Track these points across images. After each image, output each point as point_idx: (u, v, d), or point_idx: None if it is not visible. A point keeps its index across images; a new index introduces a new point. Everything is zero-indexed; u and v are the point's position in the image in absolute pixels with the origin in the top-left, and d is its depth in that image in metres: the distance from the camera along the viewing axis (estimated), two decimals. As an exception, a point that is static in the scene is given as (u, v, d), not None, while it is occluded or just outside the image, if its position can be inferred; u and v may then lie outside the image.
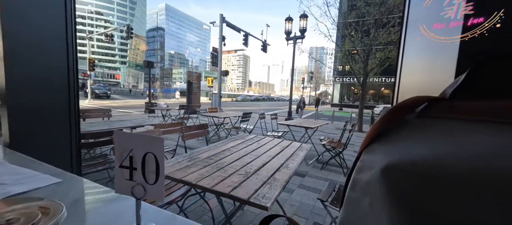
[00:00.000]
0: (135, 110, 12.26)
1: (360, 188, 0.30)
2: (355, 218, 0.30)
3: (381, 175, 0.27)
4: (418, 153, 0.25)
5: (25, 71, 1.04)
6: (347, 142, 3.69)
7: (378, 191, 0.27)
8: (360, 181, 0.30)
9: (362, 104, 7.61)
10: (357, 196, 0.30)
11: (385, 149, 0.29)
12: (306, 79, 27.76)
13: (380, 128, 0.31)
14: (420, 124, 0.29)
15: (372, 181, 0.28)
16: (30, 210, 0.27)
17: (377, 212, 0.26)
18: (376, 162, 0.29)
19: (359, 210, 0.29)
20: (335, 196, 1.72)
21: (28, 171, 0.70)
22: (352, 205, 0.31)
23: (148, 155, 0.39)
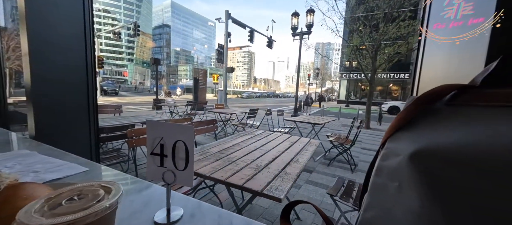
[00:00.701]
0: (142, 106, 12.49)
1: (386, 174, 0.31)
2: (382, 201, 0.31)
3: (409, 160, 0.28)
4: (448, 138, 0.25)
5: (47, 69, 1.09)
6: (355, 139, 3.66)
7: (407, 175, 0.28)
8: (386, 167, 0.32)
9: (369, 101, 7.49)
10: (383, 181, 0.31)
11: (412, 136, 0.30)
12: (312, 75, 27.43)
13: (406, 117, 0.32)
14: (450, 111, 0.29)
15: (400, 167, 0.29)
16: (94, 188, 0.29)
17: (406, 195, 0.28)
18: (403, 149, 0.30)
19: (385, 194, 0.31)
20: (344, 191, 1.73)
21: (57, 160, 0.74)
22: (378, 190, 0.32)
23: (179, 143, 0.41)
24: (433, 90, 0.31)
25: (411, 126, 0.31)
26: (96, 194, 0.27)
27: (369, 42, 7.12)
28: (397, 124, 0.33)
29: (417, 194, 0.26)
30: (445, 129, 0.27)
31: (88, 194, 0.27)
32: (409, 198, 0.27)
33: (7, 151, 0.82)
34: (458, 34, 0.56)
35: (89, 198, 0.27)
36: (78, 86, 1.20)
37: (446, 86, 0.30)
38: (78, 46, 1.19)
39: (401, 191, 0.28)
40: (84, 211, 0.26)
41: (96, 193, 0.28)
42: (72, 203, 0.28)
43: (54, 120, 1.10)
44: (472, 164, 0.22)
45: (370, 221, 0.31)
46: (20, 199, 0.37)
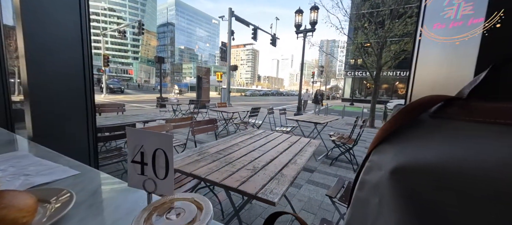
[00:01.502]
0: (147, 104, 12.64)
1: (368, 189, 0.29)
2: (362, 217, 0.30)
3: (390, 176, 0.26)
4: (429, 154, 0.24)
5: (44, 69, 1.10)
6: (358, 138, 3.61)
7: (387, 192, 0.26)
8: (369, 182, 0.30)
9: (374, 99, 7.37)
10: (365, 196, 0.30)
11: (394, 150, 0.28)
12: (316, 73, 27.19)
13: (391, 128, 0.30)
14: (434, 124, 0.27)
15: (381, 182, 0.28)
16: (189, 202, 0.30)
17: (385, 213, 0.26)
18: (386, 163, 0.28)
19: (366, 210, 0.29)
20: (344, 192, 1.70)
21: (50, 163, 0.75)
22: (360, 205, 0.30)
23: (158, 151, 0.40)
24: (419, 101, 0.29)
25: (395, 138, 0.29)
26: (191, 210, 0.28)
27: (374, 39, 6.98)
28: (381, 135, 0.31)
29: (396, 212, 0.24)
30: (428, 143, 0.25)
31: (184, 210, 0.28)
32: (388, 216, 0.25)
33: (6, 151, 0.83)
34: (457, 34, 0.53)
35: (185, 216, 0.27)
36: (76, 87, 1.21)
37: (433, 97, 0.28)
38: (74, 44, 1.19)
39: (382, 208, 0.27)
40: None
41: (191, 208, 0.28)
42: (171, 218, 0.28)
43: (51, 121, 1.11)
44: (454, 185, 0.21)
45: (350, 236, 0.29)
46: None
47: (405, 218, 0.23)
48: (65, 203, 0.46)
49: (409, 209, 0.23)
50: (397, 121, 0.30)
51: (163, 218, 0.27)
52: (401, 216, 0.24)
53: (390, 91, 24.44)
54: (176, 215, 0.28)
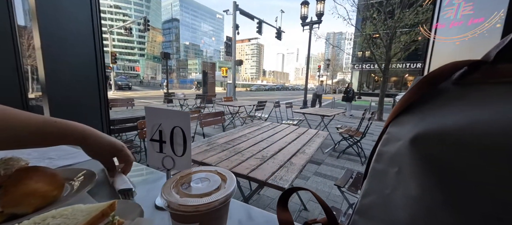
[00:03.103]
0: (154, 100, 12.85)
1: (386, 160, 0.30)
2: (380, 187, 0.30)
3: (410, 145, 0.26)
4: (451, 120, 0.23)
5: (59, 63, 1.13)
6: (366, 131, 3.57)
7: (407, 161, 0.26)
8: (386, 153, 0.30)
9: (383, 92, 7.21)
10: (383, 168, 0.30)
11: (414, 120, 0.28)
12: (323, 67, 26.75)
13: (410, 99, 0.30)
14: (458, 91, 0.27)
15: (400, 152, 0.28)
16: (212, 174, 0.31)
17: (406, 180, 0.26)
18: (405, 133, 0.28)
19: (384, 180, 0.29)
20: (352, 182, 1.70)
21: (69, 148, 0.78)
22: (377, 176, 0.31)
23: (176, 129, 0.42)
24: (440, 69, 0.28)
25: (414, 109, 0.29)
26: (216, 179, 0.29)
27: (384, 30, 6.76)
28: (400, 107, 0.31)
29: (417, 179, 0.24)
30: (450, 110, 0.25)
31: (209, 180, 0.29)
32: (408, 184, 0.25)
33: None
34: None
35: (210, 184, 0.28)
36: (89, 79, 1.25)
37: (455, 64, 0.27)
38: (87, 40, 1.22)
39: (401, 176, 0.27)
40: (209, 196, 0.26)
41: (215, 178, 0.29)
42: (197, 185, 0.29)
43: (68, 112, 1.16)
44: (479, 147, 0.20)
45: (368, 207, 0.30)
46: (28, 181, 0.39)
47: (425, 183, 0.24)
48: (88, 180, 0.49)
49: (430, 175, 0.24)
50: (417, 91, 0.30)
51: (189, 185, 0.28)
52: (421, 182, 0.24)
53: (399, 84, 23.81)
54: (202, 183, 0.29)
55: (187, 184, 0.29)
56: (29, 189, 0.38)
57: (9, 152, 0.74)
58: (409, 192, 0.25)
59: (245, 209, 0.45)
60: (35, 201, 0.39)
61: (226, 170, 0.33)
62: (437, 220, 0.22)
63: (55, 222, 0.29)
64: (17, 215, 0.37)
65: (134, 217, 0.35)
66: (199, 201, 0.25)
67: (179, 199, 0.25)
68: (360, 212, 0.30)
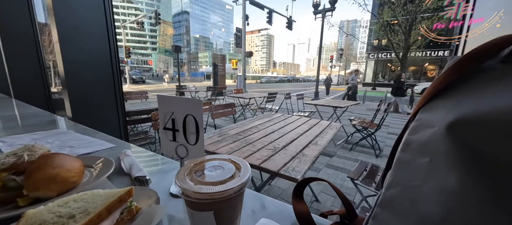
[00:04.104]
0: (167, 93, 13.17)
1: (414, 149, 0.27)
2: (407, 178, 0.27)
3: (445, 131, 0.23)
4: (497, 103, 0.20)
5: (76, 56, 1.17)
6: (381, 123, 3.43)
7: (441, 150, 0.23)
8: (415, 142, 0.27)
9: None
10: (411, 157, 0.27)
11: (451, 104, 0.25)
12: (335, 57, 25.82)
13: (445, 82, 0.27)
14: (506, 69, 0.23)
15: (432, 140, 0.25)
16: (226, 162, 0.31)
17: (439, 171, 0.23)
18: (439, 119, 0.25)
19: (412, 171, 0.27)
20: (366, 175, 1.66)
21: (88, 137, 0.82)
22: (404, 166, 0.28)
23: (189, 117, 0.41)
24: (485, 46, 0.25)
25: (450, 92, 0.26)
26: (230, 168, 0.28)
27: (403, 15, 6.33)
28: (432, 91, 0.28)
29: (454, 171, 0.21)
30: (497, 93, 0.22)
31: (223, 168, 0.28)
32: (443, 176, 0.23)
33: (48, 129, 0.93)
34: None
35: (224, 172, 0.28)
36: (104, 72, 1.28)
37: (505, 38, 0.23)
38: (101, 33, 1.25)
39: (433, 167, 0.24)
40: (224, 184, 0.25)
41: (229, 166, 0.29)
42: (211, 173, 0.29)
43: (86, 103, 1.21)
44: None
45: (393, 199, 0.27)
46: (51, 167, 0.41)
47: (465, 176, 0.21)
48: (106, 168, 0.50)
49: (470, 166, 0.21)
50: (455, 72, 0.26)
51: (203, 172, 0.28)
52: (460, 174, 0.21)
53: (418, 74, 22.49)
54: (215, 171, 0.28)
55: (200, 171, 0.28)
56: (50, 174, 0.40)
57: (33, 140, 0.78)
58: (444, 184, 0.22)
59: (259, 199, 0.44)
60: (56, 186, 0.40)
61: (240, 159, 0.31)
62: (479, 218, 0.19)
63: (76, 205, 0.30)
64: (41, 199, 0.39)
65: (150, 203, 0.36)
66: (214, 188, 0.24)
67: (193, 186, 0.24)
68: (383, 205, 0.28)
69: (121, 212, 0.32)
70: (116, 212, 0.31)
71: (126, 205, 0.32)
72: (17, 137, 0.80)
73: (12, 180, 0.39)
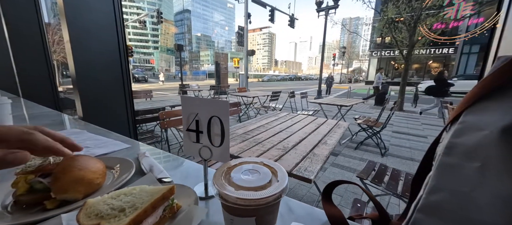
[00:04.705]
0: (169, 92, 13.21)
1: (462, 152, 0.26)
2: (454, 184, 0.26)
3: (501, 135, 0.22)
4: None
5: (87, 56, 1.17)
6: (387, 122, 3.40)
7: (496, 155, 0.22)
8: (461, 145, 0.26)
9: (404, 81, 6.78)
10: (456, 162, 0.26)
11: (506, 106, 0.24)
12: (338, 55, 25.60)
13: (494, 83, 0.26)
14: None
15: (484, 144, 0.24)
16: (259, 166, 0.30)
17: (493, 178, 0.22)
18: (491, 122, 0.24)
19: (460, 176, 0.26)
20: (375, 175, 1.64)
21: (103, 138, 0.82)
22: (449, 171, 0.27)
23: (214, 119, 0.40)
24: None
25: (501, 94, 0.25)
26: (266, 172, 0.28)
27: (407, 12, 6.24)
28: (479, 92, 0.27)
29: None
30: None
31: (259, 172, 0.28)
32: (500, 182, 0.22)
33: (61, 129, 0.93)
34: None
35: (261, 176, 0.27)
36: (114, 71, 1.28)
37: None
38: (110, 34, 1.25)
39: (487, 173, 0.23)
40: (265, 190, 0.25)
41: (265, 170, 0.28)
42: (247, 177, 0.28)
43: (96, 103, 1.21)
44: None
45: (437, 205, 0.26)
46: (77, 169, 0.40)
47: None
48: (126, 169, 0.50)
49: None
50: (505, 73, 0.25)
51: (239, 175, 0.27)
52: None
53: (422, 72, 22.25)
54: (251, 175, 0.28)
55: (235, 174, 0.28)
56: (76, 176, 0.40)
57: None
58: (503, 192, 0.22)
59: (284, 201, 0.43)
60: (82, 188, 0.40)
61: (274, 162, 0.31)
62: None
63: (126, 199, 0.32)
64: (68, 201, 0.39)
65: (189, 203, 0.36)
66: (256, 194, 0.23)
67: (235, 192, 0.24)
68: (426, 211, 0.27)
69: (164, 209, 0.33)
70: (159, 209, 0.32)
71: (168, 203, 0.33)
72: (32, 137, 0.80)
73: (39, 182, 0.39)
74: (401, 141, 3.90)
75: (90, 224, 0.28)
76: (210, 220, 0.37)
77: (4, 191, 0.41)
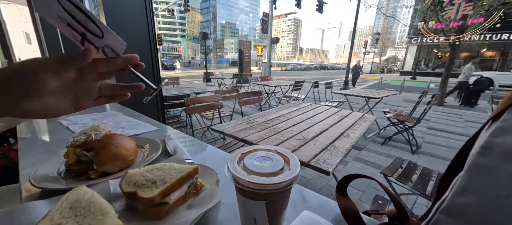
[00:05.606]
0: (195, 80, 13.77)
1: (501, 153, 0.23)
2: (487, 187, 0.24)
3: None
4: None
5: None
6: (421, 117, 3.09)
7: None
8: (501, 145, 0.23)
9: (448, 71, 5.97)
10: (493, 163, 0.24)
11: None
12: (370, 42, 23.48)
13: None
14: None
15: None
16: (273, 153, 0.31)
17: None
18: None
19: (496, 179, 0.23)
20: (402, 172, 1.54)
21: (135, 120, 0.91)
22: (482, 172, 0.25)
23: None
24: None
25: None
26: (278, 159, 0.29)
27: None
28: None
29: None
30: None
31: (271, 159, 0.29)
32: None
33: (102, 110, 1.05)
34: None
35: (274, 163, 0.28)
36: (145, 56, 1.38)
37: None
38: (142, 24, 1.33)
39: None
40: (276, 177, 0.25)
41: (277, 158, 0.29)
42: (260, 163, 0.28)
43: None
44: None
45: (464, 208, 0.24)
46: (114, 145, 0.46)
47: None
48: (154, 149, 0.55)
49: None
50: None
51: (253, 161, 0.28)
52: None
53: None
54: (264, 162, 0.29)
55: (249, 160, 0.29)
56: (113, 152, 0.45)
57: (92, 120, 0.89)
58: None
59: (298, 190, 0.44)
60: (118, 162, 0.46)
61: (287, 151, 0.31)
62: None
63: (158, 173, 0.36)
64: (107, 173, 0.45)
65: (212, 183, 0.40)
66: (267, 180, 0.24)
67: (247, 176, 0.25)
68: (449, 213, 0.25)
69: (189, 185, 0.37)
70: (185, 185, 0.37)
71: (192, 181, 0.38)
72: (80, 117, 0.92)
73: (84, 155, 0.46)
74: (437, 139, 3.53)
75: (129, 190, 0.34)
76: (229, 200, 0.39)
77: (58, 160, 0.49)
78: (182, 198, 0.36)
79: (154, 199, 0.31)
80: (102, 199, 0.30)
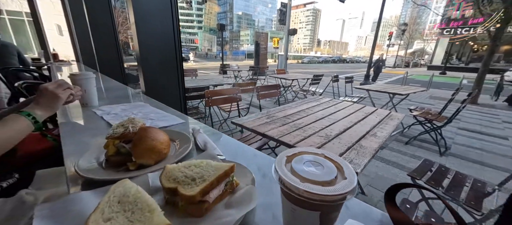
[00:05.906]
0: (211, 71, 13.94)
1: None
2: None
3: None
4: None
5: (148, 37, 1.30)
6: (453, 116, 2.85)
7: None
8: None
9: (486, 66, 5.39)
10: None
11: None
12: (395, 34, 21.84)
13: None
14: None
15: None
16: (322, 159, 0.29)
17: None
18: None
19: None
20: (431, 176, 1.43)
21: (162, 111, 0.93)
22: None
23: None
24: None
25: None
26: (330, 166, 0.27)
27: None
28: None
29: None
30: None
31: (322, 165, 0.27)
32: None
33: (127, 102, 1.09)
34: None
35: (325, 170, 0.26)
36: (170, 51, 1.40)
37: None
38: (167, 17, 1.34)
39: None
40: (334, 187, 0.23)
41: (328, 164, 0.27)
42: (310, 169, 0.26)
43: (155, 79, 1.37)
44: None
45: None
46: (149, 139, 0.47)
47: None
48: (186, 143, 0.55)
49: None
50: None
51: (302, 166, 0.26)
52: None
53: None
54: (314, 167, 0.26)
55: (296, 163, 0.27)
56: (149, 145, 0.46)
57: (122, 110, 0.92)
58: None
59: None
60: (154, 155, 0.46)
61: (337, 156, 0.29)
62: None
63: (196, 170, 0.36)
64: (144, 166, 0.46)
65: (247, 182, 0.39)
66: (325, 190, 0.22)
67: (301, 184, 0.23)
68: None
69: (225, 184, 0.37)
70: (222, 183, 0.36)
71: (229, 179, 0.37)
72: (111, 107, 0.97)
73: (123, 146, 0.47)
74: (469, 140, 3.25)
75: (170, 186, 0.33)
76: (263, 199, 0.38)
77: (98, 150, 0.51)
78: (219, 196, 0.35)
79: (195, 197, 0.31)
80: (147, 195, 0.30)
